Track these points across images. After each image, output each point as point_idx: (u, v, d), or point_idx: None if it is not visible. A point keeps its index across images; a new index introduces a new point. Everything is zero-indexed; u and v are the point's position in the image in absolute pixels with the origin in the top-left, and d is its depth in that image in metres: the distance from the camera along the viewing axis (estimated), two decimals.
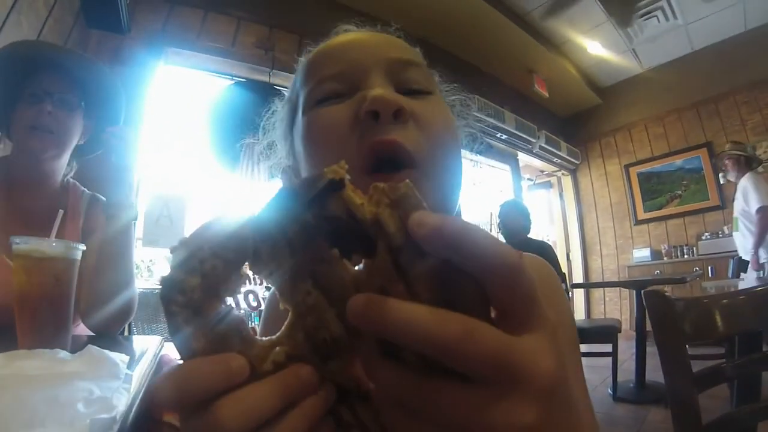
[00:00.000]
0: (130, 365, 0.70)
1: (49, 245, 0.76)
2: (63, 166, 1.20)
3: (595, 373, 3.64)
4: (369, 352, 0.25)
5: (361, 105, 0.46)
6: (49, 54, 1.11)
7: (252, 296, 3.22)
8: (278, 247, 0.26)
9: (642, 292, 1.84)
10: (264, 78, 3.57)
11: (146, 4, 3.13)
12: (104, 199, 1.14)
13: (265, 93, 3.51)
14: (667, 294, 0.87)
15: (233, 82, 3.53)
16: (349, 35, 0.57)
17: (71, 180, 1.26)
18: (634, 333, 3.30)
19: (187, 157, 3.59)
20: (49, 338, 0.73)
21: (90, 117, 1.21)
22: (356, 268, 0.26)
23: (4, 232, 0.94)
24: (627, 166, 5.93)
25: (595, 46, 5.17)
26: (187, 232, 0.25)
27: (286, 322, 0.27)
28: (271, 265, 0.27)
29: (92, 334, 1.08)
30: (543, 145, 5.49)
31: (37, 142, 1.07)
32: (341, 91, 0.50)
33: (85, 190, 1.27)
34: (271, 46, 3.56)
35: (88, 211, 1.22)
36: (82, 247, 0.81)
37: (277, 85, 3.62)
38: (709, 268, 4.92)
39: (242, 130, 3.36)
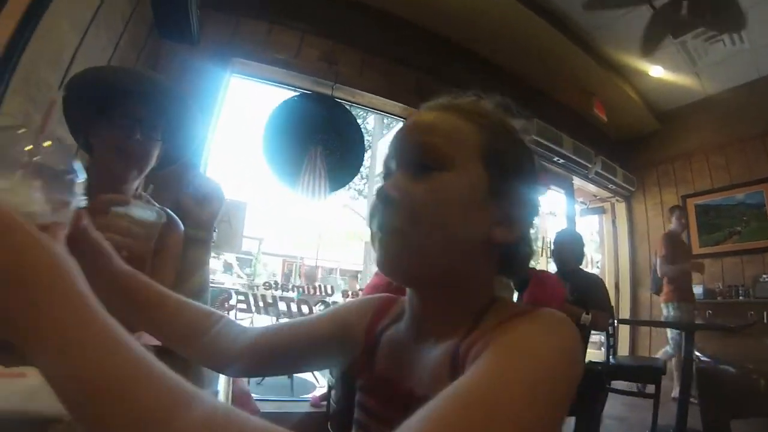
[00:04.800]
0: None
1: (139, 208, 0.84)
2: (136, 184, 1.25)
3: (635, 412, 3.48)
4: None
5: None
6: (142, 83, 1.15)
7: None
8: None
9: (695, 367, 1.71)
10: (327, 91, 3.56)
11: (214, 16, 3.18)
12: (173, 214, 1.18)
13: (327, 106, 3.46)
14: (720, 368, 0.74)
15: (297, 93, 3.53)
16: (412, 118, 0.68)
17: (143, 194, 1.28)
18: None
19: (248, 163, 3.56)
20: None
21: (168, 141, 1.23)
22: None
23: None
24: (684, 197, 5.63)
25: (657, 69, 4.94)
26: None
27: None
28: None
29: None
30: (599, 170, 5.28)
31: (122, 165, 1.12)
32: (388, 175, 0.64)
33: (156, 204, 1.26)
34: (334, 60, 3.55)
35: (163, 227, 1.21)
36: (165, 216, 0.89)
37: (338, 98, 3.55)
38: (765, 313, 4.57)
39: (304, 141, 3.32)
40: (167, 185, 1.28)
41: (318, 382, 4.30)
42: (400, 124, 0.72)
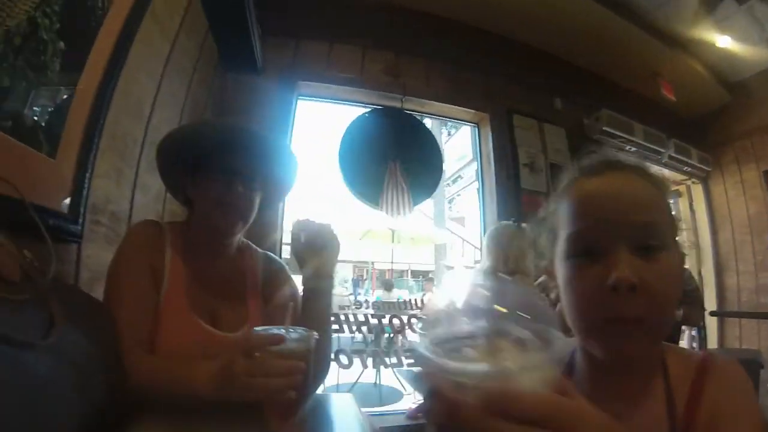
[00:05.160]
0: None
1: (294, 340, 0.79)
2: (240, 236, 1.22)
3: None
4: None
5: (607, 278, 0.58)
6: (237, 135, 1.12)
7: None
8: None
9: None
10: (396, 104, 3.46)
11: (273, 42, 3.16)
12: (277, 258, 1.22)
13: (399, 119, 3.36)
14: None
15: (368, 110, 3.45)
16: (606, 185, 0.66)
17: (244, 240, 1.26)
18: None
19: (328, 185, 3.54)
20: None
21: (266, 187, 1.20)
22: None
23: (187, 297, 1.04)
24: (766, 173, 5.04)
25: (724, 39, 4.47)
26: None
27: None
28: None
29: None
30: (672, 154, 4.88)
31: (226, 219, 1.10)
32: (593, 250, 0.61)
33: (257, 249, 1.28)
34: (398, 72, 3.46)
35: (265, 272, 1.23)
36: (315, 335, 0.84)
37: (408, 110, 3.44)
38: None
39: (381, 157, 3.23)
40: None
41: (405, 389, 4.16)
42: (467, 128, 0.76)
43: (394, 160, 3.28)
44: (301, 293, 1.12)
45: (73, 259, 1.32)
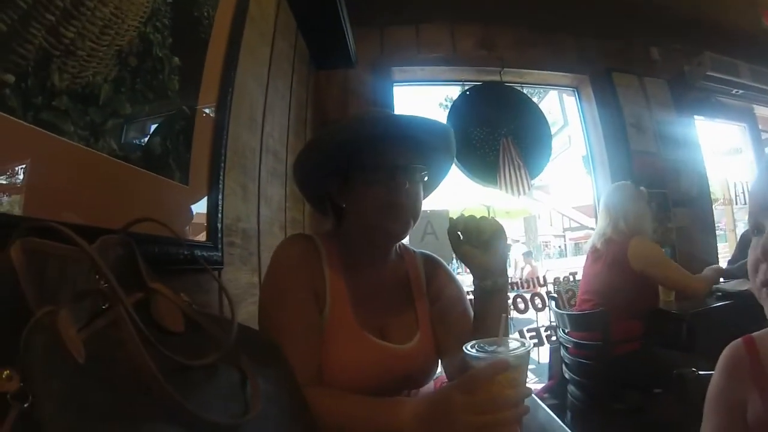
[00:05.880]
0: None
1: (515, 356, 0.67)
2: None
3: None
4: None
5: None
6: (392, 126, 0.98)
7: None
8: None
9: None
10: (495, 78, 3.26)
11: (358, 34, 3.00)
12: (434, 255, 1.15)
13: (499, 94, 3.13)
14: None
15: (467, 88, 3.27)
16: None
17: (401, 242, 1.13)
18: None
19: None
20: None
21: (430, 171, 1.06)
22: None
23: (354, 315, 0.96)
24: None
25: None
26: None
27: None
28: None
29: None
30: None
31: (398, 222, 0.96)
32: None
33: (413, 249, 1.17)
34: (492, 44, 3.26)
35: (427, 272, 1.12)
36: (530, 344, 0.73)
37: (508, 83, 3.19)
38: None
39: (490, 135, 3.03)
40: None
41: None
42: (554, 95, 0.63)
43: (506, 137, 3.06)
44: (472, 297, 0.99)
45: (215, 288, 1.25)
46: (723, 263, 2.96)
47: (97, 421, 0.39)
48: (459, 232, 0.93)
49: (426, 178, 1.02)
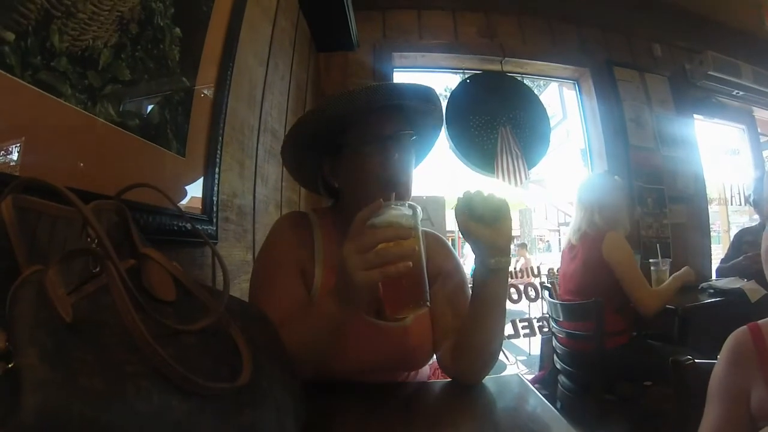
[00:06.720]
0: None
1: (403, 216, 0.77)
2: None
3: None
4: None
5: None
6: (376, 96, 0.92)
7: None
8: None
9: None
10: (495, 67, 3.24)
11: (360, 17, 2.98)
12: (432, 230, 1.13)
13: (499, 83, 3.12)
14: None
15: (467, 76, 3.24)
16: None
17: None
18: None
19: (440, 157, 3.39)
20: None
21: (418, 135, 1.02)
22: None
23: None
24: None
25: None
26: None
27: None
28: None
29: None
30: None
31: (390, 194, 0.90)
32: None
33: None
34: (494, 32, 3.24)
35: (427, 248, 1.07)
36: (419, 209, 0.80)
37: (510, 73, 3.17)
38: None
39: (489, 124, 3.03)
40: None
41: (508, 360, 4.05)
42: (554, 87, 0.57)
43: (505, 126, 3.05)
44: (472, 275, 0.97)
45: (209, 262, 1.25)
46: (716, 263, 2.96)
47: (79, 376, 0.38)
48: (466, 209, 0.91)
49: (415, 142, 1.00)
